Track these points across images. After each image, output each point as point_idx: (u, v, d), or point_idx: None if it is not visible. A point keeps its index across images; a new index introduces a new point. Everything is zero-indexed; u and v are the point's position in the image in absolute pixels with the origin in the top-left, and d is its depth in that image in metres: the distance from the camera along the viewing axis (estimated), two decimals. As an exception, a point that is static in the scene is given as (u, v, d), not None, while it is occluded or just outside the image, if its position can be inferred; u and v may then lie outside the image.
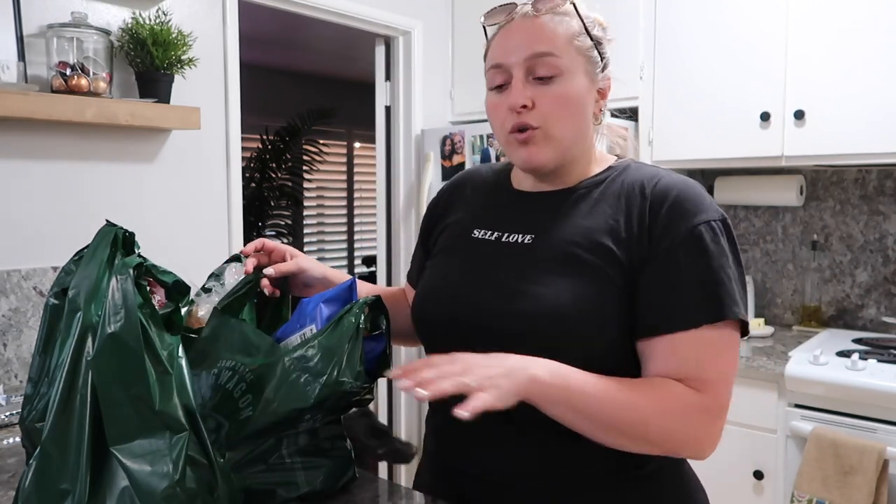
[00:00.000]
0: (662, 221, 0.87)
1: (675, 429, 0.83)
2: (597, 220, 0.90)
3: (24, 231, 1.73)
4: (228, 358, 0.89)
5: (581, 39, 0.92)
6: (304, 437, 0.89)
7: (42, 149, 1.76)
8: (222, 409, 0.86)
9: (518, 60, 0.90)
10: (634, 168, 0.95)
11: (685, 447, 0.85)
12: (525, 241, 0.93)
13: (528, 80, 0.90)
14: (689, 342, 0.84)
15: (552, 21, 0.91)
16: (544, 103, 0.90)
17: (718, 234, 0.86)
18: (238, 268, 1.03)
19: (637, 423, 0.82)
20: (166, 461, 0.71)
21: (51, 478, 0.72)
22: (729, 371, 0.87)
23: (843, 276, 2.48)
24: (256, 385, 0.86)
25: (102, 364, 0.73)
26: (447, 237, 1.05)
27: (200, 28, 2.05)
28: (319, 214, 5.30)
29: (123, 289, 0.75)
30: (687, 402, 0.83)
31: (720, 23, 2.32)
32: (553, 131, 0.91)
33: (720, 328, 0.84)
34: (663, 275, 0.85)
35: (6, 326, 1.68)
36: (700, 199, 0.88)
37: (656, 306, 0.85)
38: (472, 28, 2.88)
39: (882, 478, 1.76)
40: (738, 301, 0.85)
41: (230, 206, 2.18)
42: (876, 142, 2.05)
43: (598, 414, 0.81)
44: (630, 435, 0.82)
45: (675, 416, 0.82)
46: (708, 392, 0.83)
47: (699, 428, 0.84)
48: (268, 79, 4.68)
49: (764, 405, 2.04)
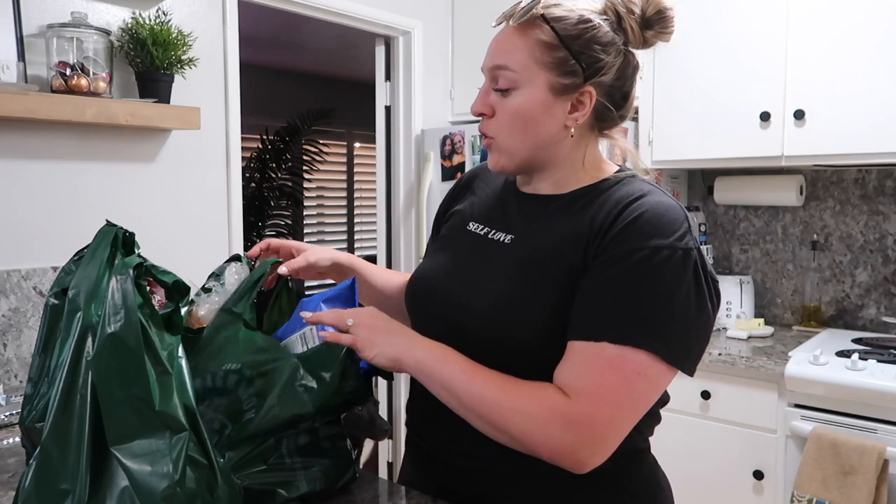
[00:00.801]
0: (618, 234, 0.85)
1: (536, 431, 0.82)
2: (569, 228, 0.90)
3: (24, 231, 1.73)
4: (235, 360, 0.89)
5: (549, 53, 0.89)
6: (304, 436, 0.90)
7: (42, 149, 1.76)
8: (228, 410, 0.87)
9: (485, 68, 0.95)
10: (628, 183, 0.93)
11: (545, 453, 0.83)
12: (505, 241, 0.96)
13: (491, 89, 0.94)
14: (587, 353, 0.82)
15: (520, 32, 0.91)
16: (500, 114, 0.93)
17: (671, 263, 0.82)
18: (238, 268, 1.03)
19: (498, 417, 0.84)
20: (166, 461, 0.71)
21: (51, 478, 0.72)
22: (613, 392, 0.81)
23: (843, 276, 2.48)
24: (261, 388, 0.87)
25: (102, 364, 0.73)
26: (449, 226, 1.09)
27: (200, 28, 2.05)
28: (319, 214, 5.30)
29: (123, 289, 0.75)
30: (547, 405, 0.82)
31: (720, 23, 2.32)
32: (502, 143, 0.94)
33: (624, 350, 0.80)
34: (595, 284, 0.85)
35: (6, 326, 1.68)
36: (669, 224, 0.84)
37: (578, 312, 0.85)
38: (472, 28, 2.89)
39: (882, 478, 1.76)
40: (656, 333, 0.81)
41: (230, 206, 2.18)
42: (876, 142, 2.05)
43: (464, 398, 0.85)
44: (494, 425, 0.85)
45: (531, 416, 0.82)
46: (577, 401, 0.81)
47: (554, 433, 0.81)
48: (268, 79, 4.68)
49: (764, 405, 2.04)
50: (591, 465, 0.83)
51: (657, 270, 0.82)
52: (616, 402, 0.82)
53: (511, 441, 0.85)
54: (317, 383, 0.87)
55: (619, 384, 0.81)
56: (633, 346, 0.80)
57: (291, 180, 4.73)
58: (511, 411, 0.83)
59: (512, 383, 0.85)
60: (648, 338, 0.81)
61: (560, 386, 0.83)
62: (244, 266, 1.04)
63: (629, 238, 0.84)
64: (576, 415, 0.81)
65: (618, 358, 0.81)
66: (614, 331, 0.81)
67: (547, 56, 0.89)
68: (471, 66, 2.86)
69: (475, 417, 0.85)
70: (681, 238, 0.84)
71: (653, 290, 0.82)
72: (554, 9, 0.90)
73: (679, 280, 0.82)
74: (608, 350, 0.81)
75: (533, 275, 0.89)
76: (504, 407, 0.83)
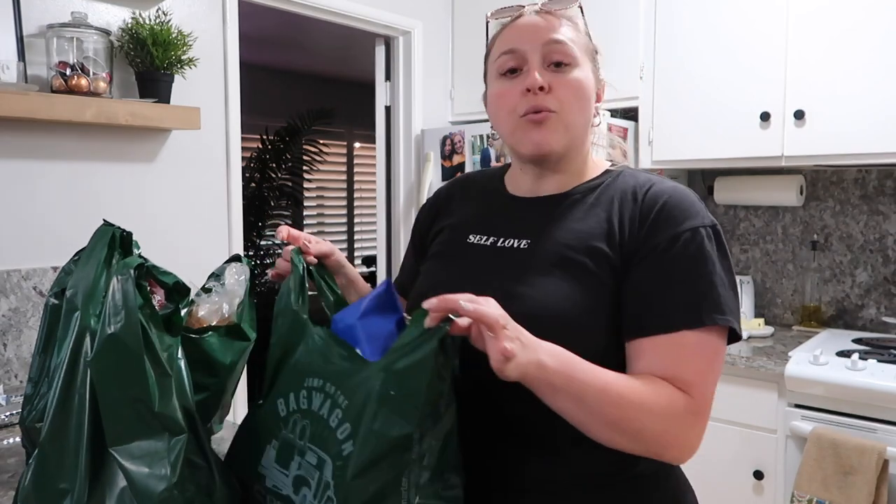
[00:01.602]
0: (652, 225, 0.87)
1: (665, 429, 0.82)
2: (591, 224, 0.91)
3: (24, 231, 1.74)
4: (313, 376, 0.79)
5: (586, 41, 0.95)
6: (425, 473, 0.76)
7: (42, 149, 1.76)
8: (320, 440, 0.76)
9: (534, 46, 0.91)
10: (629, 174, 0.96)
11: (670, 448, 0.84)
12: (521, 246, 0.94)
13: (543, 66, 0.92)
14: (669, 345, 0.83)
15: (558, 19, 0.94)
16: (561, 89, 0.91)
17: (707, 239, 0.86)
18: (238, 268, 1.03)
19: (634, 421, 0.81)
20: (164, 463, 0.71)
21: (49, 477, 0.72)
22: (710, 375, 0.85)
23: (843, 276, 2.48)
24: (351, 410, 0.75)
25: (102, 365, 0.73)
26: (441, 242, 1.04)
27: (200, 28, 2.05)
28: (319, 214, 5.30)
29: (124, 289, 0.74)
30: (676, 404, 0.82)
31: (720, 23, 2.32)
32: (568, 117, 0.92)
33: (701, 333, 0.84)
34: (648, 277, 0.86)
35: (6, 326, 1.68)
36: (691, 205, 0.89)
37: (640, 308, 0.85)
38: (472, 28, 2.89)
39: (882, 478, 1.76)
40: (723, 308, 0.84)
41: (230, 206, 2.18)
42: (876, 142, 2.05)
43: (598, 407, 0.79)
44: (626, 432, 0.81)
45: (667, 416, 0.82)
46: (692, 394, 0.83)
47: (685, 430, 0.83)
48: (268, 79, 4.68)
49: (764, 405, 2.04)
50: (691, 457, 0.85)
51: (701, 250, 0.85)
52: (712, 385, 0.86)
53: (635, 443, 0.82)
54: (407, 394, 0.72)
55: (709, 367, 0.85)
56: (708, 327, 0.84)
57: (291, 180, 4.73)
58: (649, 412, 0.81)
59: (639, 383, 0.82)
60: (716, 314, 0.84)
61: (663, 380, 0.83)
62: (244, 266, 1.04)
63: (664, 226, 0.86)
64: (695, 407, 0.83)
65: (699, 342, 0.84)
66: (687, 318, 0.83)
67: (586, 43, 0.95)
68: (471, 66, 2.86)
69: (603, 423, 0.80)
70: (705, 214, 0.89)
71: (704, 267, 0.85)
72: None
73: (718, 253, 0.87)
74: (689, 337, 0.83)
75: (573, 272, 0.88)
76: (643, 408, 0.80)
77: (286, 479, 0.79)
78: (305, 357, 0.82)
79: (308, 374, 0.80)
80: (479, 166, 2.61)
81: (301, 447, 0.78)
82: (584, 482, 0.89)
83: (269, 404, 0.83)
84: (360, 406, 0.74)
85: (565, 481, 0.89)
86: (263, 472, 0.81)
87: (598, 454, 0.85)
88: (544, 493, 0.89)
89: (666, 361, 0.84)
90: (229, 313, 1.00)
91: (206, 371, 0.94)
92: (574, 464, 0.88)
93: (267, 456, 0.81)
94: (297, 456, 0.78)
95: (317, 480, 0.76)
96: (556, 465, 0.88)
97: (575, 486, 0.89)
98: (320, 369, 0.79)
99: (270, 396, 0.84)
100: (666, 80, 2.43)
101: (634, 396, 0.81)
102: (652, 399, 0.81)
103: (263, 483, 0.81)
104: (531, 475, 0.89)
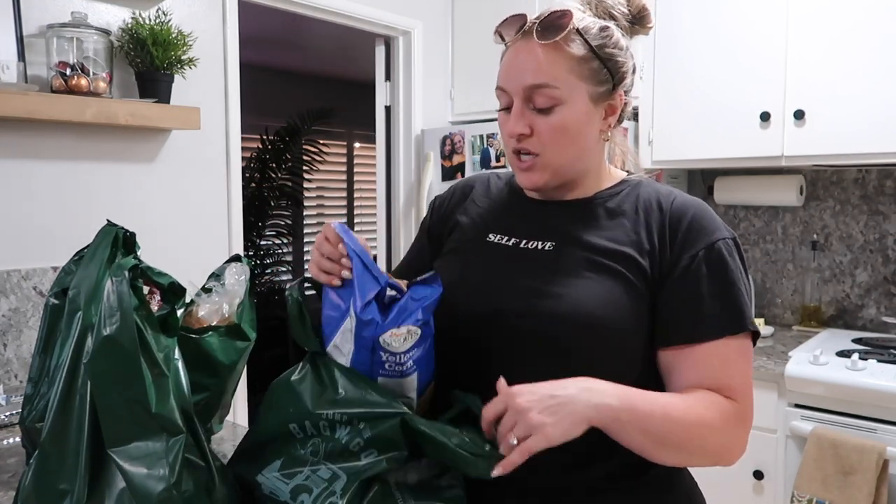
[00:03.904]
0: (683, 236, 0.90)
1: (724, 441, 0.86)
2: (617, 232, 0.92)
3: (24, 231, 1.73)
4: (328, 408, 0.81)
5: (585, 65, 0.90)
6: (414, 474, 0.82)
7: (42, 149, 1.76)
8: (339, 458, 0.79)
9: (517, 89, 0.91)
10: (647, 184, 0.98)
11: (727, 455, 0.87)
12: (546, 248, 0.94)
13: (526, 108, 0.91)
14: (713, 352, 0.87)
15: (555, 48, 0.89)
16: (543, 132, 0.90)
17: (733, 250, 0.91)
18: (238, 268, 1.03)
19: (697, 439, 0.84)
20: (163, 464, 0.71)
21: (50, 478, 0.72)
22: (750, 379, 0.90)
23: (843, 276, 2.48)
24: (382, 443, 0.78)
25: (98, 367, 0.73)
26: (458, 240, 1.03)
27: (200, 28, 2.05)
28: (319, 214, 5.29)
29: (119, 291, 0.74)
30: (729, 413, 0.85)
31: (720, 23, 2.32)
32: (551, 159, 0.92)
33: (740, 339, 0.88)
34: (685, 288, 0.88)
35: (6, 326, 1.68)
36: (714, 218, 0.92)
37: (680, 318, 0.88)
38: (472, 28, 2.89)
39: (882, 478, 1.76)
40: (751, 314, 0.90)
41: (230, 206, 2.18)
42: (876, 142, 2.05)
43: (664, 434, 0.82)
44: (690, 451, 0.85)
45: (724, 427, 0.85)
46: (739, 400, 0.87)
47: (739, 437, 0.87)
48: (268, 79, 4.68)
49: (764, 405, 2.04)
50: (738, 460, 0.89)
51: (731, 259, 0.90)
52: (752, 389, 0.90)
53: (698, 458, 0.87)
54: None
55: (748, 371, 0.90)
56: (744, 333, 0.88)
57: (291, 180, 4.73)
58: (710, 429, 0.84)
59: (696, 402, 0.85)
60: (746, 320, 0.88)
61: (708, 389, 0.86)
62: (244, 266, 1.04)
63: (699, 238, 0.90)
64: (742, 412, 0.87)
65: (739, 347, 0.88)
66: (730, 324, 0.87)
67: (584, 68, 0.90)
68: (471, 66, 2.86)
69: (669, 448, 0.83)
70: (725, 225, 0.93)
71: (735, 276, 0.89)
72: (578, 21, 0.90)
73: (741, 262, 0.92)
74: (732, 343, 0.87)
75: (604, 276, 0.89)
76: (704, 427, 0.83)
77: (285, 486, 0.79)
78: (319, 392, 0.82)
79: (322, 407, 0.80)
80: (479, 166, 2.61)
81: (315, 462, 0.79)
82: (598, 486, 0.89)
83: (281, 427, 0.83)
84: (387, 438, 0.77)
85: (580, 485, 0.89)
86: (262, 479, 0.82)
87: (613, 459, 0.85)
88: (559, 496, 0.89)
89: (711, 369, 0.87)
90: (229, 313, 1.00)
91: (206, 371, 0.94)
92: (588, 468, 0.88)
93: (271, 467, 0.82)
94: (308, 470, 0.79)
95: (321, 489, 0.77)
96: (570, 469, 0.88)
97: (589, 490, 0.89)
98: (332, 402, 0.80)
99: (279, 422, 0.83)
100: (666, 80, 2.43)
101: (694, 416, 0.83)
102: (709, 414, 0.84)
103: (260, 490, 0.82)
104: (545, 479, 0.89)
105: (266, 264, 4.65)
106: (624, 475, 0.89)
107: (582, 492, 0.89)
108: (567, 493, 0.89)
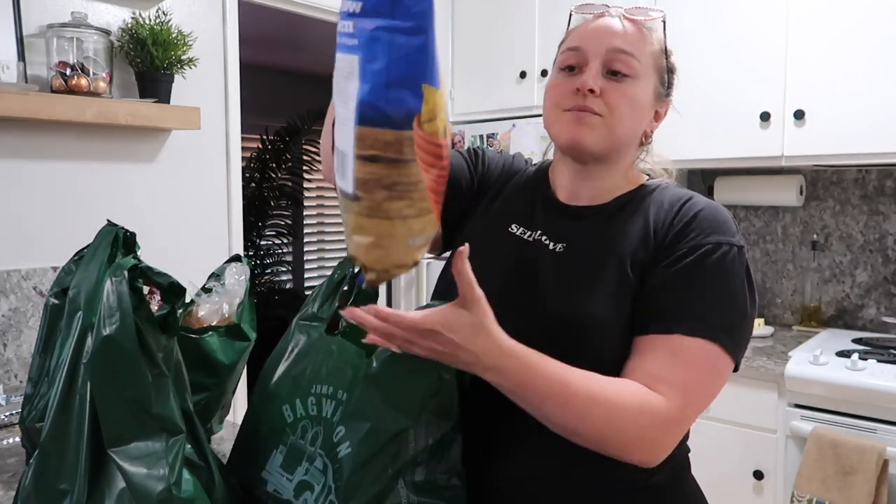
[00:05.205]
0: (682, 230, 0.88)
1: (619, 424, 0.79)
2: (629, 236, 0.91)
3: (24, 231, 1.73)
4: (322, 383, 0.81)
5: (658, 59, 0.94)
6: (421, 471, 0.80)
7: (42, 149, 1.76)
8: (328, 446, 0.78)
9: (598, 50, 0.91)
10: (668, 188, 0.96)
11: (635, 451, 0.81)
12: (557, 249, 0.93)
13: (602, 72, 0.91)
14: (662, 346, 0.83)
15: (640, 30, 0.93)
16: (612, 95, 0.90)
17: (730, 258, 0.86)
18: (238, 268, 1.03)
19: (596, 419, 0.78)
20: (162, 464, 0.71)
21: (50, 478, 0.72)
22: (701, 389, 0.83)
23: (842, 276, 2.48)
24: (351, 410, 0.78)
25: (98, 367, 0.73)
26: (484, 226, 1.02)
27: (200, 28, 2.05)
28: (319, 215, 5.29)
29: (118, 291, 0.74)
30: (649, 406, 0.80)
31: (720, 23, 2.32)
32: (614, 122, 0.90)
33: (700, 343, 0.82)
34: (661, 277, 0.86)
35: (6, 326, 1.68)
36: (724, 222, 0.89)
37: (646, 306, 0.86)
38: (473, 28, 2.89)
39: (882, 478, 1.76)
40: (726, 328, 0.83)
41: (230, 206, 2.18)
42: (876, 142, 2.05)
43: (551, 394, 0.77)
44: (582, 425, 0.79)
45: (624, 411, 0.79)
46: (674, 401, 0.80)
47: (656, 434, 0.81)
48: (268, 79, 4.68)
49: (764, 405, 2.04)
50: (658, 462, 0.82)
51: (721, 265, 0.85)
52: (701, 399, 0.83)
53: (588, 438, 0.80)
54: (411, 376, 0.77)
55: (700, 380, 0.83)
56: (707, 339, 0.82)
57: (291, 180, 4.73)
58: (607, 408, 0.78)
59: (601, 379, 0.81)
60: (718, 331, 0.82)
61: (642, 381, 0.81)
62: (244, 266, 1.04)
63: (695, 234, 0.87)
64: (674, 415, 0.80)
65: (692, 351, 0.82)
66: (685, 324, 0.82)
67: (657, 61, 0.94)
68: (471, 66, 2.86)
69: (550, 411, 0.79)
70: (735, 234, 0.88)
71: (717, 281, 0.85)
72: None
73: (738, 275, 0.86)
74: (685, 343, 0.82)
75: (607, 282, 0.88)
76: (596, 401, 0.78)
77: (289, 483, 0.79)
78: (315, 366, 0.82)
79: (316, 382, 0.81)
80: (479, 166, 2.61)
81: (311, 453, 0.79)
82: (600, 491, 0.88)
83: (274, 410, 0.83)
84: (356, 402, 0.77)
85: (582, 490, 0.88)
86: (266, 476, 0.82)
87: (615, 463, 0.85)
88: (560, 501, 0.89)
89: (658, 362, 0.82)
90: (229, 313, 1.00)
91: (206, 371, 0.95)
92: (590, 473, 0.87)
93: (272, 461, 0.82)
94: (306, 462, 0.79)
95: (322, 485, 0.76)
96: (572, 473, 0.88)
97: (591, 494, 0.88)
98: (330, 377, 0.81)
99: (273, 403, 0.84)
100: (666, 80, 2.43)
101: (598, 394, 0.78)
102: (616, 397, 0.79)
103: (264, 487, 0.82)
104: (547, 483, 0.88)
105: (266, 264, 4.65)
106: (625, 480, 0.88)
107: (582, 496, 0.89)
108: (566, 496, 0.89)
